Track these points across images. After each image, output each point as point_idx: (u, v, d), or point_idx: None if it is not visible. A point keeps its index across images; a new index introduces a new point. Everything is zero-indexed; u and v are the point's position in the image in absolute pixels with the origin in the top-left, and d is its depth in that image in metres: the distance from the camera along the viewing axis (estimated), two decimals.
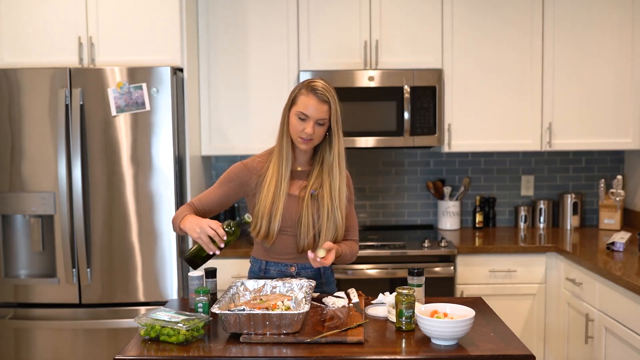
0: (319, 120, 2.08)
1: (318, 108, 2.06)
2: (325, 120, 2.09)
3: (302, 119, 2.08)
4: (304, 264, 2.21)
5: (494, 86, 3.53)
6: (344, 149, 2.16)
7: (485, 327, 1.90)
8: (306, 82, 2.11)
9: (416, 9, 3.48)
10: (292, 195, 2.17)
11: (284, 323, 1.77)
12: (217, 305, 1.83)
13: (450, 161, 3.91)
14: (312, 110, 2.06)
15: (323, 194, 2.15)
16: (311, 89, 2.08)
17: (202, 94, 3.51)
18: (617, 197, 3.64)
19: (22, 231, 3.08)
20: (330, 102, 2.08)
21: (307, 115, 2.07)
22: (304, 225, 2.14)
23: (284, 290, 2.04)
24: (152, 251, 3.05)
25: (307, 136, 2.08)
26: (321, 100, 2.07)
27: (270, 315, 1.76)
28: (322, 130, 2.11)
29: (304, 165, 2.22)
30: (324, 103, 2.07)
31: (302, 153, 2.20)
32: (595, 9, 3.49)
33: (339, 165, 2.15)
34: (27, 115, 3.01)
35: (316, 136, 2.10)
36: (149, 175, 3.04)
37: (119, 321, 3.05)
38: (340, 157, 2.15)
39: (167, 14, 3.12)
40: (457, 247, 3.28)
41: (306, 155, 2.21)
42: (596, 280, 2.83)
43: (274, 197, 2.13)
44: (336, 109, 2.10)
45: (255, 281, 2.08)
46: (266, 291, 2.05)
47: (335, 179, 2.15)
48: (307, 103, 2.07)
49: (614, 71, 3.52)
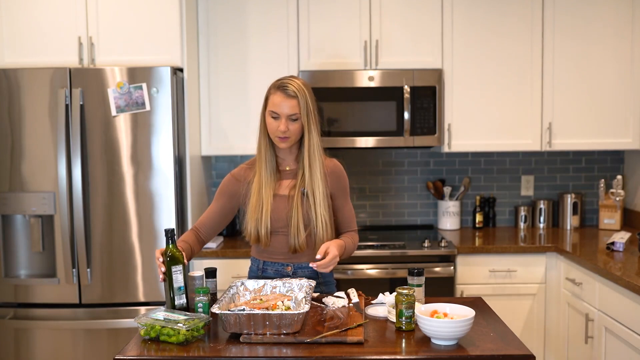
0: (290, 116, 2.11)
1: (287, 104, 2.10)
2: (297, 114, 2.11)
3: (274, 118, 2.12)
4: (300, 263, 2.22)
5: (494, 86, 3.53)
6: (317, 142, 2.16)
7: (485, 327, 1.90)
8: (275, 82, 2.17)
9: (416, 8, 3.48)
10: (282, 195, 2.19)
11: (284, 323, 1.76)
12: (217, 306, 1.83)
13: (450, 161, 3.91)
14: (281, 107, 2.10)
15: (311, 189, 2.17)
16: (278, 87, 2.13)
17: (202, 94, 3.51)
18: (617, 197, 3.64)
19: (22, 231, 3.08)
20: (298, 97, 2.10)
21: (278, 113, 2.11)
22: (294, 224, 2.15)
23: (284, 290, 2.04)
24: (152, 251, 3.05)
25: (282, 134, 2.11)
26: (288, 96, 2.10)
27: (270, 316, 1.76)
28: (297, 126, 2.13)
29: (291, 164, 2.24)
30: (292, 98, 2.10)
31: (287, 152, 2.22)
32: (595, 10, 3.49)
33: (309, 159, 2.15)
34: (27, 115, 3.01)
35: (292, 133, 2.13)
36: (149, 175, 3.04)
37: (119, 321, 3.05)
38: (311, 149, 2.15)
39: (167, 14, 3.12)
40: (457, 247, 3.28)
41: (292, 154, 2.23)
42: (596, 280, 2.83)
43: (260, 200, 2.16)
44: (306, 103, 2.11)
45: (255, 281, 2.08)
46: (266, 291, 2.05)
47: (307, 173, 2.16)
48: (276, 101, 2.11)
49: (614, 71, 3.52)
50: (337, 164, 2.27)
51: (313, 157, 2.16)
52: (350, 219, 2.30)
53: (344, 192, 2.28)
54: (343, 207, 2.28)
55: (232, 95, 3.51)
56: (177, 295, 1.99)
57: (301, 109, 2.11)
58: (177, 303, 1.99)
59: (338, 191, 2.25)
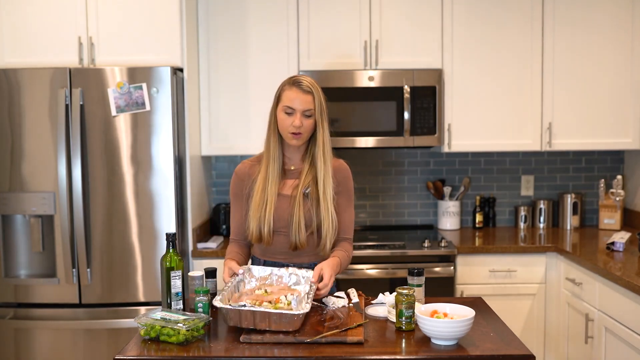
0: (305, 112, 2.12)
1: (303, 99, 2.11)
2: (311, 111, 2.12)
3: (289, 113, 2.12)
4: (301, 263, 2.21)
5: (494, 86, 3.53)
6: (329, 140, 2.18)
7: (485, 327, 1.90)
8: (288, 78, 2.19)
9: (416, 9, 3.48)
10: (285, 195, 2.18)
11: (284, 322, 1.77)
12: (219, 297, 1.84)
13: (450, 161, 3.91)
14: (298, 102, 2.11)
15: (315, 189, 2.17)
16: (294, 83, 2.14)
17: (202, 94, 3.51)
18: (617, 197, 3.64)
19: (22, 231, 3.08)
20: (313, 93, 2.13)
21: (293, 108, 2.11)
22: (295, 224, 2.15)
23: (289, 282, 2.06)
24: (152, 251, 3.05)
25: (296, 129, 2.11)
26: (305, 92, 2.12)
27: (270, 314, 1.76)
28: (310, 122, 2.14)
29: (296, 164, 2.24)
30: (308, 94, 2.12)
31: (294, 151, 2.22)
32: (595, 9, 3.49)
33: (323, 156, 2.16)
34: (27, 115, 3.01)
35: (305, 129, 2.13)
36: (149, 175, 3.04)
37: (119, 321, 3.05)
38: (324, 146, 2.16)
39: (167, 14, 3.12)
40: (457, 247, 3.28)
41: (298, 154, 2.23)
42: (596, 280, 2.83)
43: (264, 199, 2.16)
44: (320, 101, 2.14)
45: (262, 268, 2.09)
46: (272, 280, 2.06)
47: (320, 170, 2.16)
48: (292, 96, 2.12)
49: (614, 71, 3.52)
50: (344, 164, 2.27)
51: (327, 154, 2.17)
52: (349, 226, 2.27)
53: (348, 194, 2.26)
54: (344, 210, 2.25)
55: (232, 96, 3.50)
56: (174, 300, 2.00)
57: (315, 106, 2.13)
58: (174, 309, 1.99)
59: (342, 192, 2.24)
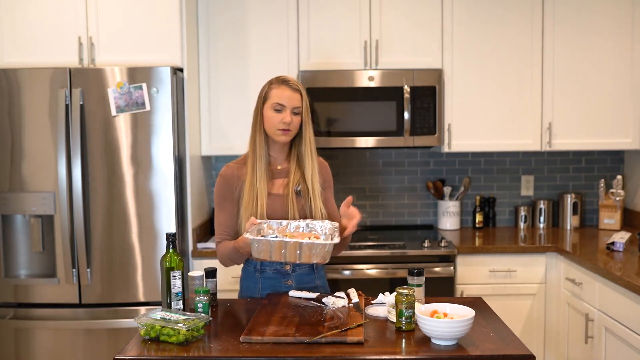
0: (294, 109, 2.18)
1: (292, 97, 2.18)
2: (299, 108, 2.19)
3: (278, 110, 2.17)
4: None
5: (494, 86, 3.53)
6: (313, 137, 2.26)
7: (485, 327, 1.90)
8: (274, 78, 2.24)
9: (416, 9, 3.48)
10: (276, 194, 2.21)
11: (315, 253, 1.79)
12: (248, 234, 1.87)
13: (450, 161, 3.91)
14: (287, 99, 2.17)
15: (305, 186, 2.22)
16: (282, 82, 2.21)
17: (202, 94, 3.51)
18: (617, 197, 3.64)
19: (22, 231, 3.08)
20: (301, 91, 2.21)
21: (283, 105, 2.17)
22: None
23: (307, 231, 2.08)
24: (152, 251, 3.05)
25: (286, 125, 2.16)
26: (294, 90, 2.19)
27: (302, 244, 1.80)
28: (298, 120, 2.20)
29: (282, 163, 2.27)
30: (297, 92, 2.20)
31: (279, 150, 2.25)
32: (595, 9, 3.49)
33: (310, 154, 2.23)
34: (27, 115, 3.01)
35: (294, 126, 2.19)
36: (149, 175, 3.04)
37: (119, 321, 3.05)
38: (311, 144, 2.24)
39: (167, 13, 3.12)
40: (457, 247, 3.28)
41: (283, 153, 2.27)
42: (596, 280, 2.83)
43: (254, 195, 2.17)
44: (306, 100, 2.22)
45: (278, 222, 2.10)
46: (290, 230, 2.09)
47: (308, 168, 2.22)
48: (281, 94, 2.18)
49: (614, 71, 3.52)
50: (323, 160, 2.36)
51: (313, 152, 2.24)
52: (336, 215, 2.32)
53: (331, 187, 2.37)
54: (331, 203, 2.34)
55: (232, 96, 3.51)
56: (174, 300, 2.00)
57: (303, 104, 2.20)
58: (174, 309, 1.99)
59: (327, 187, 2.33)
